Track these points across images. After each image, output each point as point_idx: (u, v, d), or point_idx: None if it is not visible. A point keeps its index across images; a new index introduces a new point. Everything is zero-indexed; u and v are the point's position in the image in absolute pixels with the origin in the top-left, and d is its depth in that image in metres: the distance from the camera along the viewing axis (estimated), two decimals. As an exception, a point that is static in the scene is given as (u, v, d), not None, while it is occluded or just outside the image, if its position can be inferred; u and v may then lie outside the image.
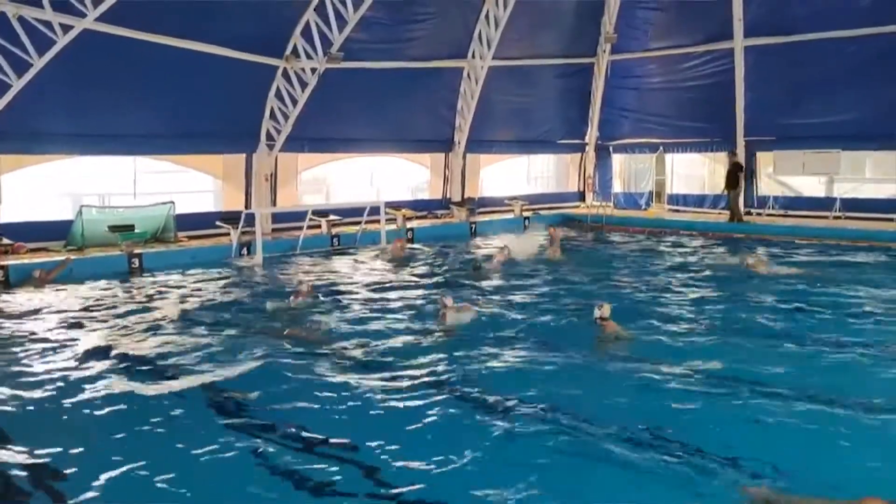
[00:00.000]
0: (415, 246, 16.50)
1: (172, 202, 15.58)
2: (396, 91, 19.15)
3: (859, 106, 18.32)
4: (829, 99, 18.84)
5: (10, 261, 12.54)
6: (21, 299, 10.76)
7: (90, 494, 4.55)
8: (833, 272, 12.55)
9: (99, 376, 6.95)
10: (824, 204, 19.61)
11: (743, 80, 19.94)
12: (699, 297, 10.60)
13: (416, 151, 21.49)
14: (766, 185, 21.03)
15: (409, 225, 18.34)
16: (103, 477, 4.76)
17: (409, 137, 20.65)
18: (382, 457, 5.08)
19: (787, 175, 20.69)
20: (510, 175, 24.48)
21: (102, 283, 11.99)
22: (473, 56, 20.37)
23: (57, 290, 11.37)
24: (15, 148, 14.04)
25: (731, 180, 19.17)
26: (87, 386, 6.60)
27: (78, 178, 15.84)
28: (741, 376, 6.72)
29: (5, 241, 13.37)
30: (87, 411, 5.99)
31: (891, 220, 17.66)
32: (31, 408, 6.05)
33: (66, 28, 13.00)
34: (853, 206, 19.04)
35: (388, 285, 11.78)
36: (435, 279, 12.41)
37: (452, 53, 20.10)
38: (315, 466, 5.00)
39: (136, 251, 13.71)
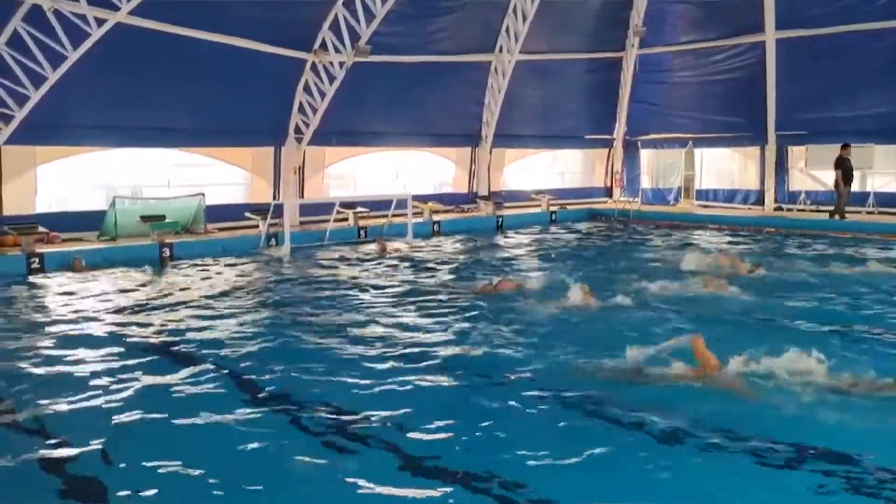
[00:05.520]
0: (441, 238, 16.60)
1: (202, 194, 15.81)
2: (423, 85, 19.23)
3: (893, 98, 17.97)
4: (863, 92, 18.53)
5: (46, 249, 12.84)
6: (57, 285, 11.05)
7: (126, 476, 4.56)
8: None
9: (132, 358, 7.05)
10: (857, 199, 19.26)
11: (774, 74, 19.67)
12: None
13: (443, 145, 21.54)
14: (798, 179, 20.71)
15: (435, 218, 18.41)
16: (140, 461, 4.79)
17: (436, 131, 20.71)
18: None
19: (819, 169, 20.36)
20: (535, 170, 24.40)
21: (135, 270, 12.23)
22: (501, 50, 20.36)
23: (92, 276, 11.68)
24: (50, 139, 14.34)
25: (848, 176, 17.69)
26: (122, 369, 6.69)
27: (111, 170, 16.12)
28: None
29: (41, 229, 13.66)
30: (122, 394, 6.04)
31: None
32: (69, 390, 6.13)
33: (100, 21, 13.22)
34: (888, 200, 18.69)
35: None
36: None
37: (480, 48, 20.11)
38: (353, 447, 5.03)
39: (167, 241, 13.93)
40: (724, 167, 22.98)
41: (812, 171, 20.50)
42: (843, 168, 17.61)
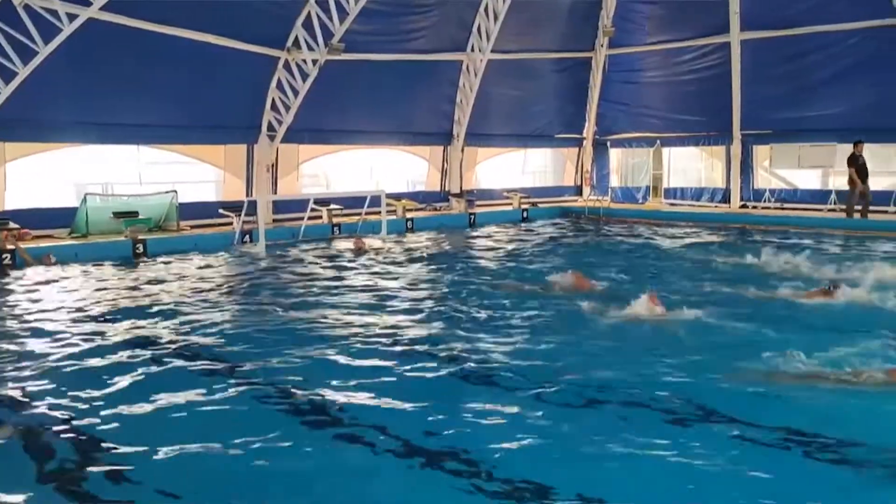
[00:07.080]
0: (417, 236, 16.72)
1: (175, 191, 15.75)
2: (396, 83, 19.33)
3: (856, 99, 18.42)
4: (826, 92, 18.97)
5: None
6: (28, 281, 10.98)
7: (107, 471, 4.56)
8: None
9: (105, 354, 7.00)
10: (819, 197, 19.79)
11: (739, 74, 20.14)
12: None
13: (416, 144, 21.65)
14: (763, 178, 21.19)
15: (408, 215, 18.54)
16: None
17: (409, 130, 20.83)
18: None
19: (783, 168, 20.90)
20: (506, 169, 24.63)
21: (108, 266, 12.19)
22: (472, 49, 20.54)
23: (64, 272, 11.63)
24: (20, 136, 14.19)
25: (862, 172, 17.16)
26: (93, 365, 6.65)
27: (82, 167, 16.00)
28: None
29: (12, 226, 13.52)
30: (96, 389, 6.00)
31: (885, 212, 17.95)
32: (43, 386, 6.15)
33: (71, 17, 13.10)
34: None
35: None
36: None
37: (452, 46, 20.27)
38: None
39: (140, 237, 13.88)
40: (692, 166, 23.43)
41: (776, 169, 21.02)
42: (857, 165, 17.21)
